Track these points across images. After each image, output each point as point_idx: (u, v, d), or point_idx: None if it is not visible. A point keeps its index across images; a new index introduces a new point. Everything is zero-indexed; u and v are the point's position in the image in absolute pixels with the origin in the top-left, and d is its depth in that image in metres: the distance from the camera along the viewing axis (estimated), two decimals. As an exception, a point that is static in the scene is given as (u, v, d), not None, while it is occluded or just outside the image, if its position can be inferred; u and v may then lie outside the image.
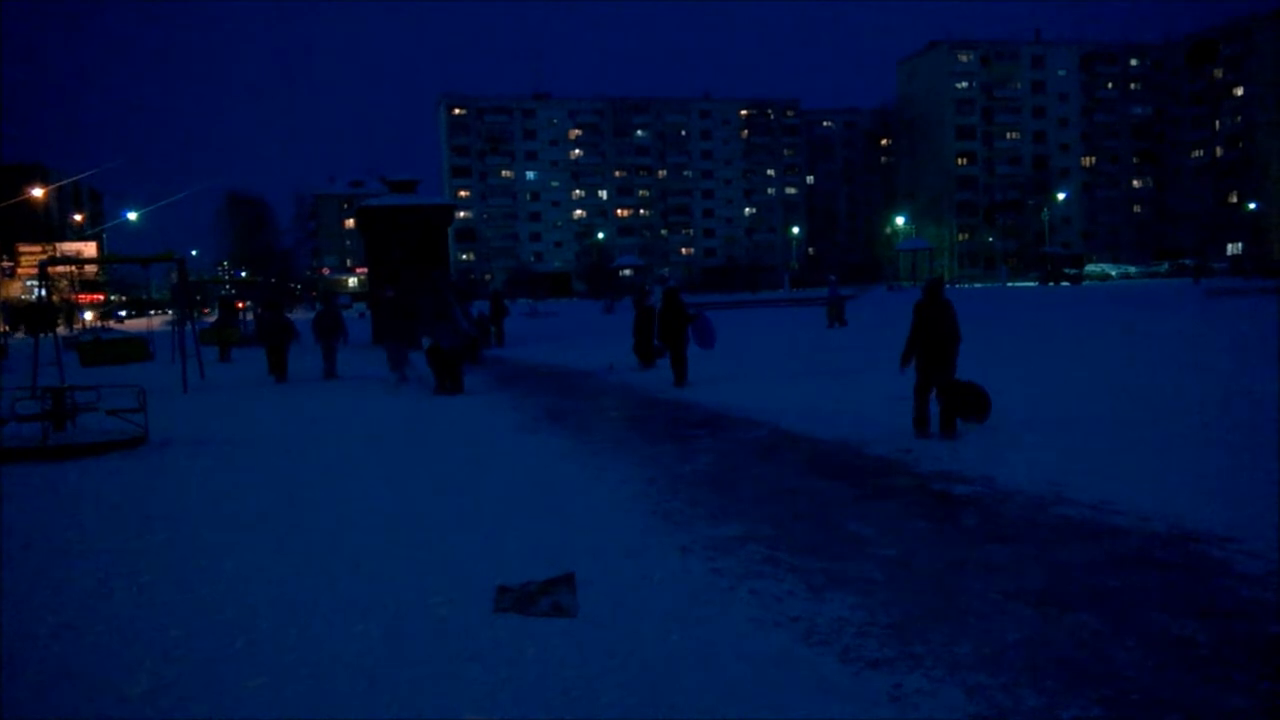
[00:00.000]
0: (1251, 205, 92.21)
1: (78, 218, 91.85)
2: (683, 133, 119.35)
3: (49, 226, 78.49)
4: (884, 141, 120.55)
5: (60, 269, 54.85)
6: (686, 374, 15.15)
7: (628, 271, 78.92)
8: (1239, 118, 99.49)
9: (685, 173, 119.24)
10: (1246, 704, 3.49)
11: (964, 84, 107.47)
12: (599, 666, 4.05)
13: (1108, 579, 4.92)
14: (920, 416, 9.41)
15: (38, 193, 63.55)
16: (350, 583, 5.31)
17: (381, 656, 4.25)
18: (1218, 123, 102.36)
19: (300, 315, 40.86)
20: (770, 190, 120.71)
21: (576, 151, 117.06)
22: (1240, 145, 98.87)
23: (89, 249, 69.15)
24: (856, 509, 6.62)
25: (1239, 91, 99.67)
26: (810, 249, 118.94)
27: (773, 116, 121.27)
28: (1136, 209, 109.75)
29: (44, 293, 21.42)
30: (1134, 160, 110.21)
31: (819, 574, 5.19)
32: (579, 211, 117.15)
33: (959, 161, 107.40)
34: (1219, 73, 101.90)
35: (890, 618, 4.48)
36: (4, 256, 67.20)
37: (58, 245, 63.88)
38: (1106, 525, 5.91)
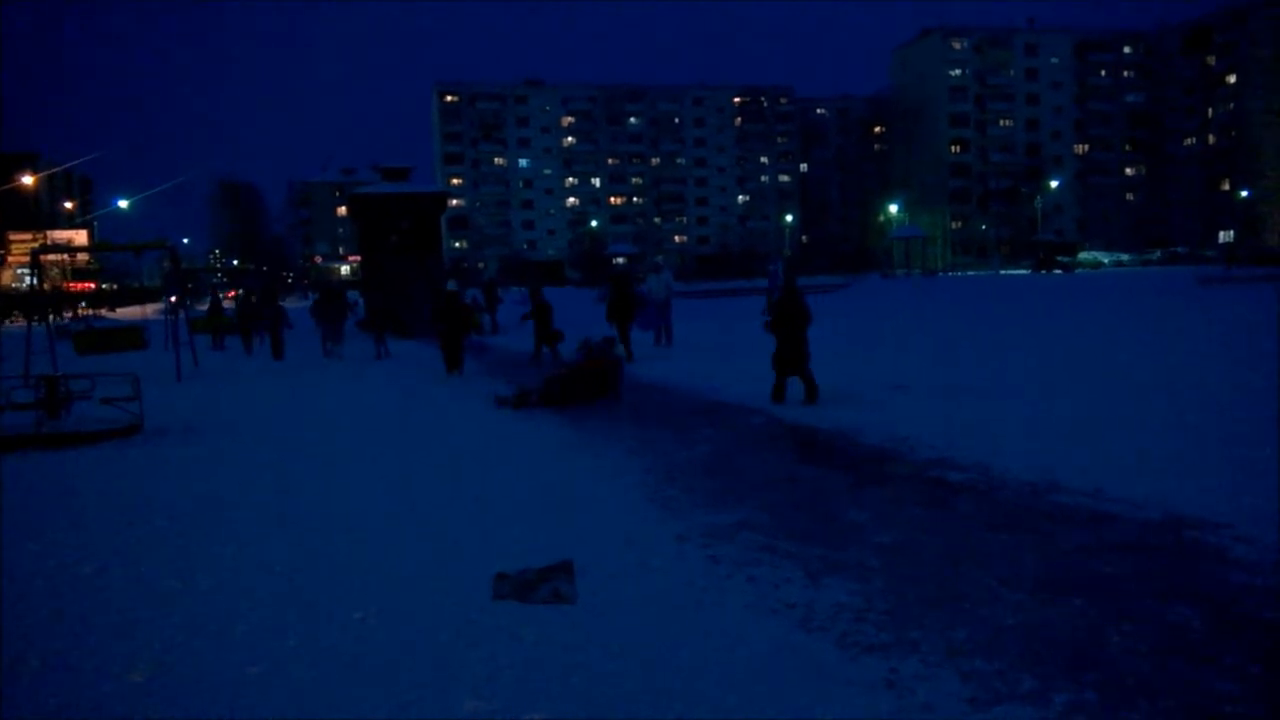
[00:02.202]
0: (1244, 193, 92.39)
1: (69, 205, 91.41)
2: (676, 120, 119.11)
3: (40, 214, 78.12)
4: (877, 129, 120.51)
5: (52, 257, 54.60)
6: (631, 352, 17.04)
7: (621, 259, 78.78)
8: (1232, 105, 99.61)
9: (679, 160, 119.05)
10: (1238, 688, 3.53)
11: (958, 71, 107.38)
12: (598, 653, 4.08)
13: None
14: (777, 387, 11.10)
15: (28, 180, 63.16)
16: (348, 570, 5.32)
17: (381, 643, 4.27)
18: (1210, 110, 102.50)
19: (293, 304, 40.74)
20: (764, 178, 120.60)
21: (569, 139, 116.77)
22: (1233, 133, 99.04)
23: (80, 237, 68.85)
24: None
25: (1232, 79, 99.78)
26: (804, 237, 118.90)
27: (766, 104, 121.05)
28: (1129, 196, 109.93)
29: (36, 281, 21.25)
30: (1127, 148, 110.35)
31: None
32: (572, 199, 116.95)
33: (953, 149, 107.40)
34: (1212, 60, 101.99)
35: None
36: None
37: (49, 233, 63.57)
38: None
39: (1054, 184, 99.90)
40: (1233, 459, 7.07)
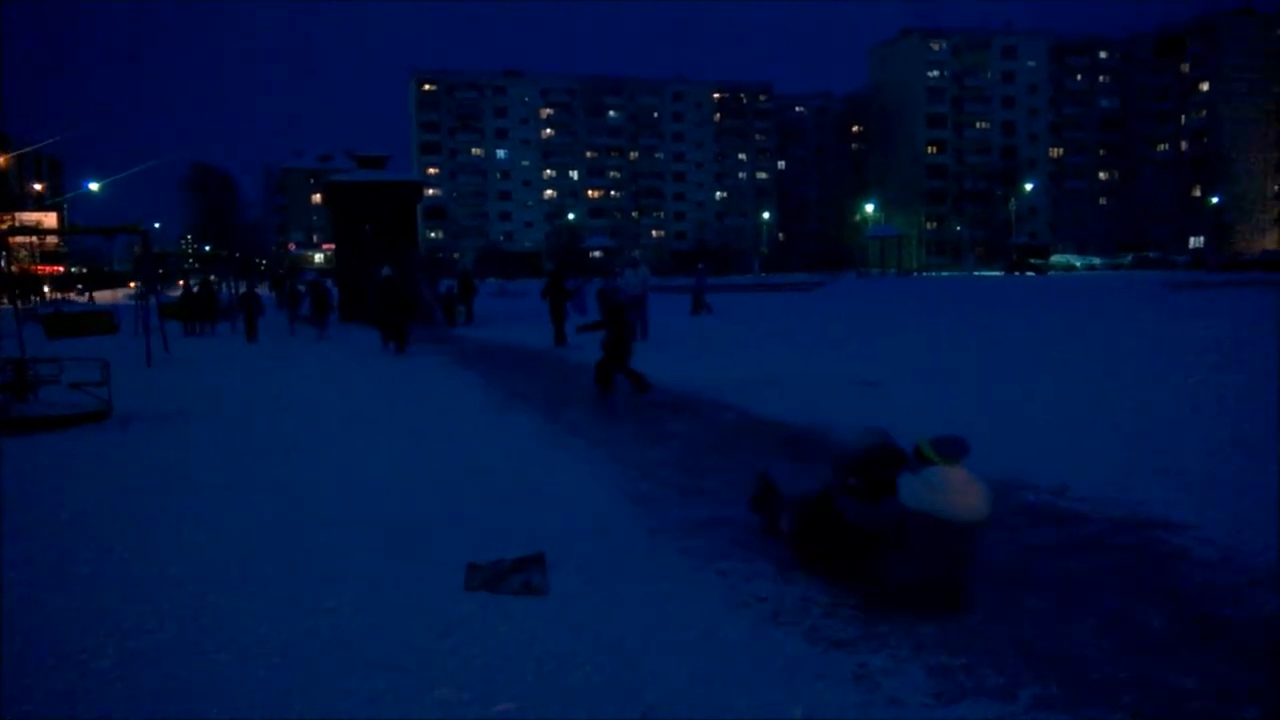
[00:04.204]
0: (1214, 199, 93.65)
1: (38, 187, 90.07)
2: (655, 114, 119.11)
3: (9, 196, 76.91)
4: (855, 128, 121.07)
5: (20, 239, 53.81)
6: (565, 337, 18.95)
7: (598, 253, 78.79)
8: (1204, 113, 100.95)
9: (657, 155, 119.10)
10: (1198, 685, 3.60)
11: (935, 73, 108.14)
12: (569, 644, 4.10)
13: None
14: (601, 377, 11.63)
15: (-3, 160, 62.19)
16: (321, 559, 5.31)
17: (354, 632, 4.27)
18: (1183, 117, 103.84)
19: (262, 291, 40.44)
20: (741, 174, 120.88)
21: (548, 131, 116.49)
22: (1205, 140, 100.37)
23: (49, 219, 67.81)
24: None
25: (1205, 87, 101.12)
26: (780, 234, 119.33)
27: (745, 100, 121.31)
28: (1102, 201, 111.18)
29: (4, 264, 20.98)
30: (1100, 152, 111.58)
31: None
32: (549, 191, 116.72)
33: (929, 150, 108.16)
34: (1186, 68, 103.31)
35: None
36: (-39, 225, 65.77)
37: (17, 215, 62.56)
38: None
39: (1028, 187, 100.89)
40: (1201, 460, 7.17)
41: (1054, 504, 6.21)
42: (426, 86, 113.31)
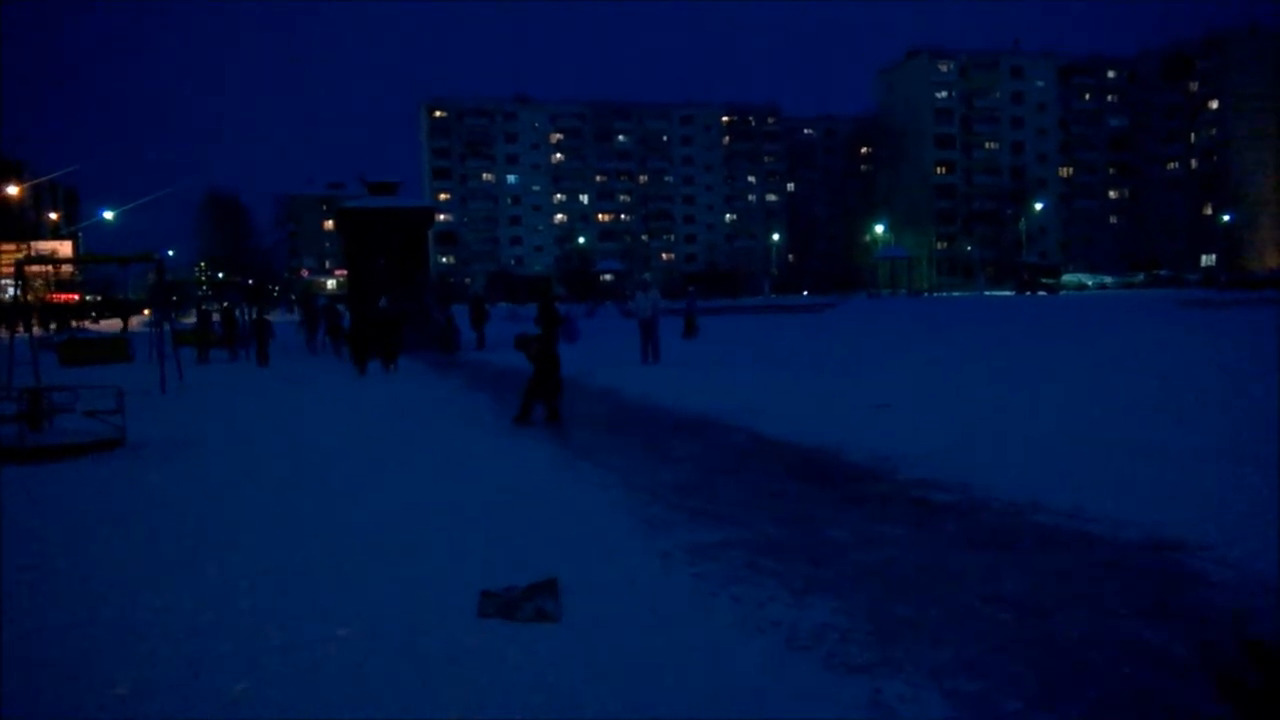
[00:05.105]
0: (1225, 217, 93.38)
1: (54, 216, 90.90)
2: (664, 138, 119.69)
3: (25, 225, 77.64)
4: (864, 150, 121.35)
5: (37, 268, 54.25)
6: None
7: (608, 276, 78.98)
8: (1214, 131, 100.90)
9: (666, 178, 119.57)
10: (1220, 710, 3.56)
11: (943, 93, 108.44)
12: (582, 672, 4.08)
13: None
14: (522, 408, 11.71)
15: (13, 190, 62.88)
16: (333, 587, 5.30)
17: (366, 661, 4.26)
18: (1193, 135, 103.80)
19: (275, 318, 40.63)
20: (751, 197, 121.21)
21: (557, 155, 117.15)
22: (1214, 158, 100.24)
23: (65, 248, 68.39)
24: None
25: (1214, 105, 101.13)
26: (790, 255, 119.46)
27: (754, 123, 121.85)
28: (1113, 220, 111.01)
29: (20, 292, 21.16)
30: (1110, 171, 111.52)
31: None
32: (560, 215, 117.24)
33: (938, 170, 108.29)
34: (1194, 86, 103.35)
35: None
36: (-22, 255, 66.34)
37: (33, 244, 63.10)
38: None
39: (1038, 206, 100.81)
40: (1217, 480, 7.12)
41: (1068, 526, 6.17)
42: (437, 113, 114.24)
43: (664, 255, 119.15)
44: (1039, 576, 5.17)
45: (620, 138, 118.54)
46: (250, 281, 60.35)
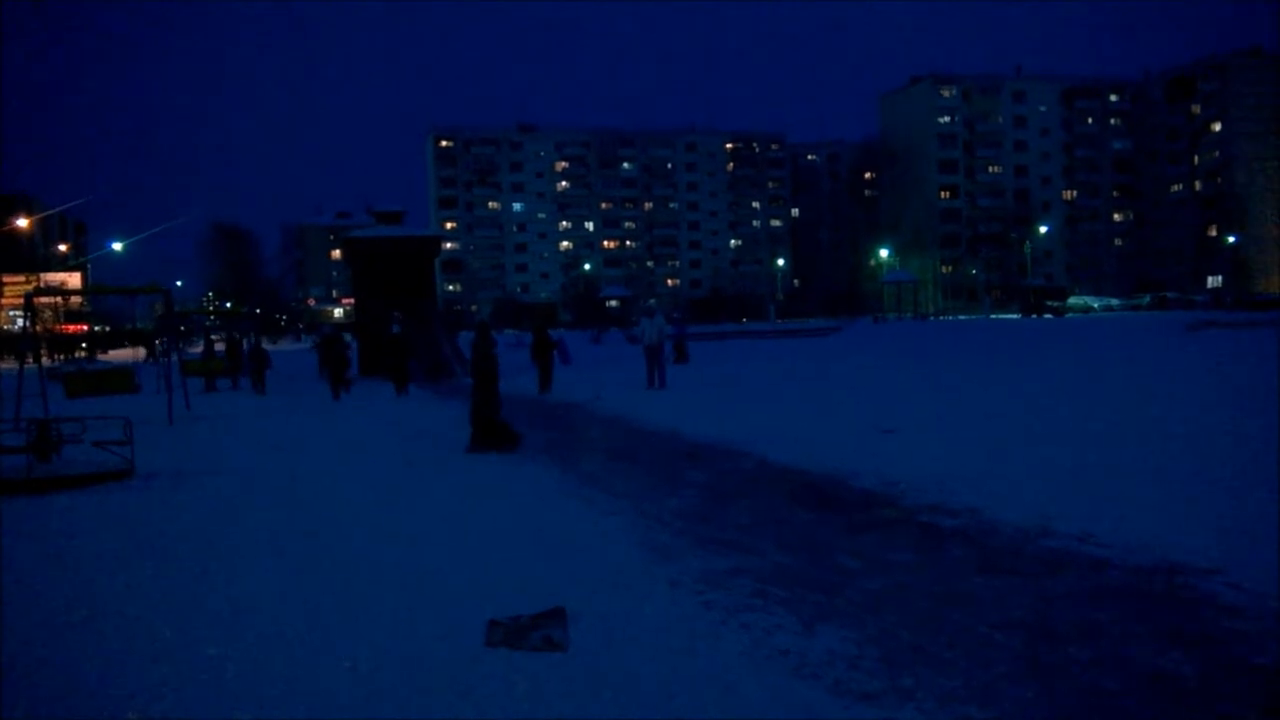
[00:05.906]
0: (1231, 239, 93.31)
1: (63, 248, 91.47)
2: (669, 165, 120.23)
3: (34, 257, 78.14)
4: (867, 175, 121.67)
5: (45, 300, 54.53)
6: (551, 383, 20.74)
7: (614, 302, 79.12)
8: (1217, 153, 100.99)
9: (671, 205, 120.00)
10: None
11: (946, 118, 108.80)
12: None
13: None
14: (474, 436, 11.71)
15: (23, 223, 63.33)
16: (340, 618, 5.29)
17: (373, 692, 4.25)
18: (1196, 158, 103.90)
19: (284, 346, 40.75)
20: (755, 222, 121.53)
21: (563, 183, 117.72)
22: (1219, 180, 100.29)
23: (73, 279, 68.76)
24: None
25: (1217, 127, 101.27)
26: (795, 280, 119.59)
27: (758, 150, 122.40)
28: (1118, 242, 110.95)
29: (29, 323, 21.28)
30: (1114, 194, 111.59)
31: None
32: (565, 243, 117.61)
33: (942, 194, 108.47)
34: (1197, 108, 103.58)
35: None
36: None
37: (42, 275, 63.47)
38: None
39: (1043, 229, 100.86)
40: (1229, 504, 7.08)
41: (1078, 550, 6.14)
42: (444, 143, 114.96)
43: (669, 281, 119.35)
44: (1049, 602, 5.15)
45: (625, 165, 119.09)
46: (258, 311, 60.54)
